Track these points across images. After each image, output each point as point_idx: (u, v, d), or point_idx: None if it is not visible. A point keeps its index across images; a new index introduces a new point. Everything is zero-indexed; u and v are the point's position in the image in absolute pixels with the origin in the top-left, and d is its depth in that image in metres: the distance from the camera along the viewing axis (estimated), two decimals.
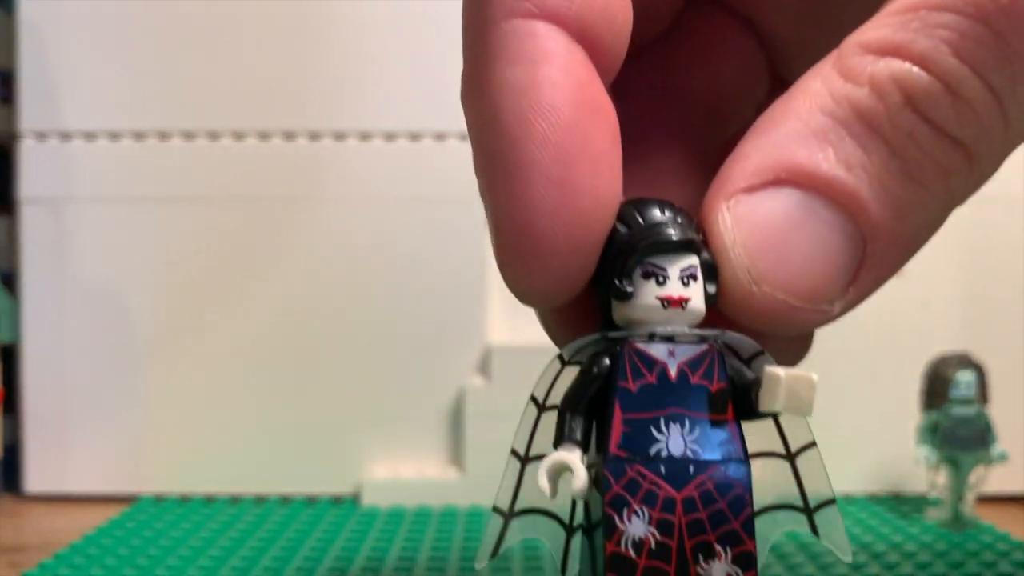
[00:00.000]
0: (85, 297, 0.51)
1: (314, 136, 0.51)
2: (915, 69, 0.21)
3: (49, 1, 0.51)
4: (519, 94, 0.22)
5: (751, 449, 0.24)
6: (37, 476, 0.51)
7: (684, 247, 0.23)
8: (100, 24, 0.51)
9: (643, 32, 0.25)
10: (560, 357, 0.25)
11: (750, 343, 0.24)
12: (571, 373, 0.25)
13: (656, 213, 0.24)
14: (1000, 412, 0.44)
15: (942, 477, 0.45)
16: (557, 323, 0.26)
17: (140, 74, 0.51)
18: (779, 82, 0.27)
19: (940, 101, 0.21)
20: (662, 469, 0.23)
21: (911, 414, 0.45)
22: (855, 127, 0.21)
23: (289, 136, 0.51)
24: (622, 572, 0.23)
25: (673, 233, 0.23)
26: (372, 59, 0.51)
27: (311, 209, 0.51)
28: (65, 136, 0.51)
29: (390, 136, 0.51)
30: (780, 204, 0.22)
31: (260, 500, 0.50)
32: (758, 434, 0.25)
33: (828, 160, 0.22)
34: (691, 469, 0.24)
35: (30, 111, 0.51)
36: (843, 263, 0.22)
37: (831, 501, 0.25)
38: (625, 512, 0.23)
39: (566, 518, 0.26)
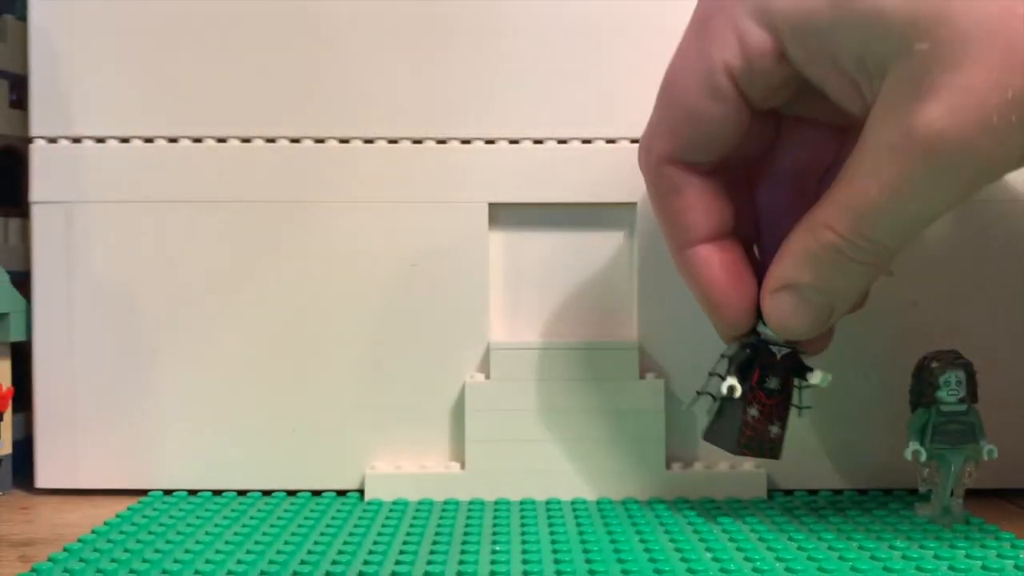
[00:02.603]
0: (95, 297, 0.51)
1: (320, 140, 0.51)
2: (833, 235, 0.39)
3: (60, 7, 0.51)
4: (706, 284, 0.43)
5: None
6: (48, 471, 0.52)
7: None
8: (110, 30, 0.51)
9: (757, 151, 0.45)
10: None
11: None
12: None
13: None
14: (988, 409, 0.45)
15: (931, 473, 0.45)
16: (730, 340, 0.45)
17: (150, 79, 0.51)
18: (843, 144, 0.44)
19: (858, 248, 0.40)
20: None
21: (900, 411, 0.46)
22: (821, 258, 0.40)
23: (295, 141, 0.51)
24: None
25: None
26: (377, 67, 0.51)
27: (317, 211, 0.51)
28: (76, 140, 0.51)
29: (393, 142, 0.51)
30: (787, 298, 0.42)
31: (267, 494, 0.51)
32: None
33: (805, 276, 0.41)
34: None
35: (41, 115, 0.51)
36: (821, 316, 0.42)
37: None
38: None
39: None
